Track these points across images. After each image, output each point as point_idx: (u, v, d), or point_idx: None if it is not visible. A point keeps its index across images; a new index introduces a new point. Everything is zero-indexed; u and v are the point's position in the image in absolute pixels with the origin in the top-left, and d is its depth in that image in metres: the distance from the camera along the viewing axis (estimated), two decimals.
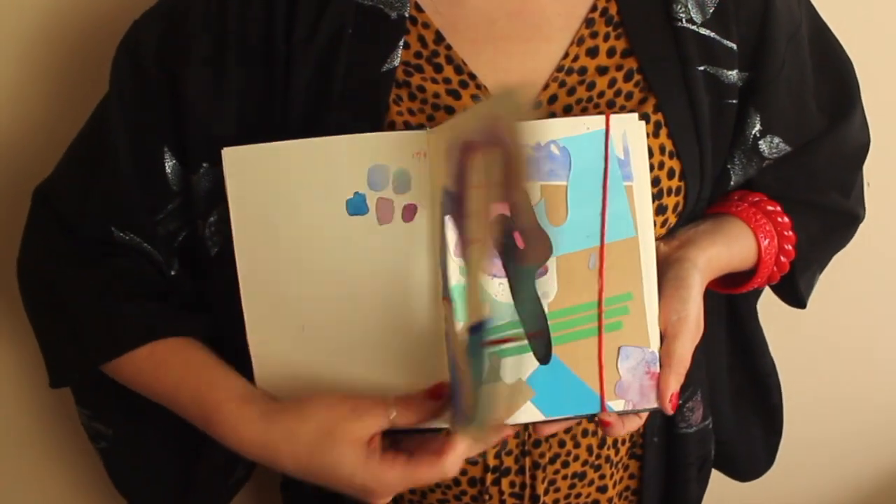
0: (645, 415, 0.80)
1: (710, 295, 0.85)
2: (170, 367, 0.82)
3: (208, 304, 0.87)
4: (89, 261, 0.86)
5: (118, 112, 0.84)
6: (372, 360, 0.77)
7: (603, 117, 0.76)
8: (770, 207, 0.88)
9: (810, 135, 0.91)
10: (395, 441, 0.76)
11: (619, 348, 0.77)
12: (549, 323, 0.76)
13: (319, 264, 0.76)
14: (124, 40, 0.85)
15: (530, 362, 0.77)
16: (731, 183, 0.89)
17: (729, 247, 0.85)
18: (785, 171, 0.90)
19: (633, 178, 0.77)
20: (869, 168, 1.00)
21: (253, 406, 0.77)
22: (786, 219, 0.88)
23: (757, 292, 1.00)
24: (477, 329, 0.71)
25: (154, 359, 0.82)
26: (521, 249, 0.74)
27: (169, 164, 0.83)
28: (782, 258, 0.88)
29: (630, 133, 0.76)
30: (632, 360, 0.78)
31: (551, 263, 0.76)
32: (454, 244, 0.75)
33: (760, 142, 0.87)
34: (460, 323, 0.74)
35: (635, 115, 0.76)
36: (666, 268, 0.79)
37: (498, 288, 0.75)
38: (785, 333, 1.05)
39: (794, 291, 0.95)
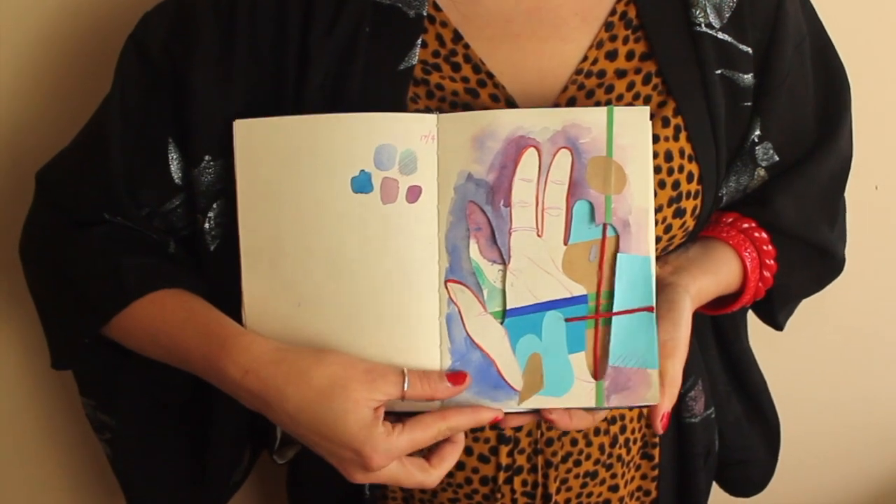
0: (600, 414, 0.79)
1: (698, 321, 0.86)
2: (176, 308, 0.81)
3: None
4: (87, 227, 0.86)
5: (119, 103, 0.85)
6: (366, 339, 0.77)
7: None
8: (757, 234, 0.89)
9: (802, 148, 0.91)
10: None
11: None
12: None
13: (321, 240, 0.77)
14: (133, 32, 0.86)
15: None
16: (723, 190, 0.88)
17: (717, 276, 0.86)
18: (779, 200, 0.90)
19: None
20: (875, 171, 1.00)
21: (264, 341, 0.76)
22: (770, 247, 0.89)
23: (743, 313, 1.01)
24: (522, 311, 0.74)
25: (159, 303, 0.81)
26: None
27: (173, 157, 0.84)
28: (761, 284, 0.90)
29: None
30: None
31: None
32: (473, 229, 0.76)
33: (757, 147, 0.87)
34: (489, 304, 0.76)
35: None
36: (658, 291, 0.78)
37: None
38: (784, 338, 1.05)
39: (772, 317, 0.96)
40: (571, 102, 0.81)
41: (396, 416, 0.75)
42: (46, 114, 1.06)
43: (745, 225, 0.89)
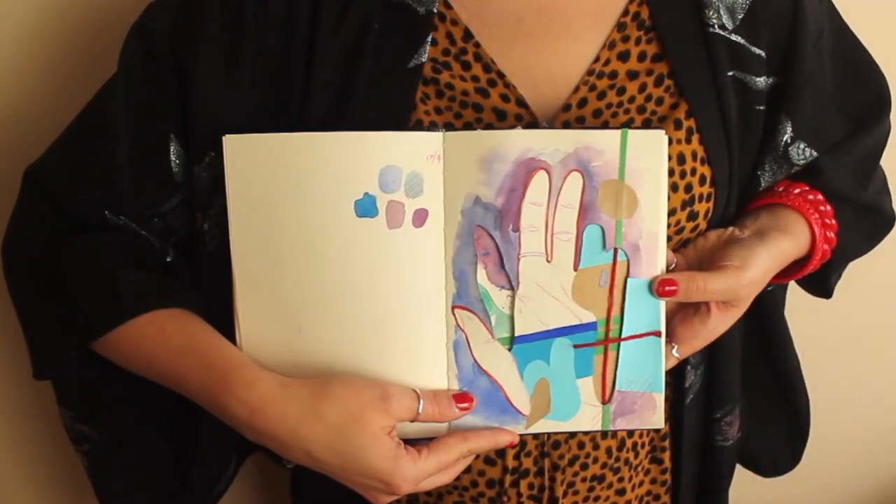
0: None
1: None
2: (175, 332, 0.78)
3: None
4: (84, 232, 0.82)
5: (122, 95, 0.82)
6: (371, 367, 0.76)
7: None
8: (812, 196, 0.87)
9: (832, 139, 0.90)
10: None
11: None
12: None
13: (322, 265, 0.74)
14: (137, 23, 0.84)
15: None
16: (760, 189, 0.88)
17: (795, 237, 0.85)
18: (824, 169, 0.89)
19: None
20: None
21: (269, 376, 0.74)
22: (828, 207, 0.88)
23: (783, 291, 1.00)
24: (530, 338, 0.75)
25: (157, 325, 0.78)
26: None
27: (174, 152, 0.81)
28: (825, 246, 0.88)
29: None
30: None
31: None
32: (481, 254, 0.75)
33: (791, 148, 0.86)
34: (496, 331, 0.75)
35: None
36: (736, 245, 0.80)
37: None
38: (808, 330, 1.04)
39: (825, 281, 0.95)
40: (583, 103, 0.80)
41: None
42: (41, 108, 1.03)
43: (797, 190, 0.87)
